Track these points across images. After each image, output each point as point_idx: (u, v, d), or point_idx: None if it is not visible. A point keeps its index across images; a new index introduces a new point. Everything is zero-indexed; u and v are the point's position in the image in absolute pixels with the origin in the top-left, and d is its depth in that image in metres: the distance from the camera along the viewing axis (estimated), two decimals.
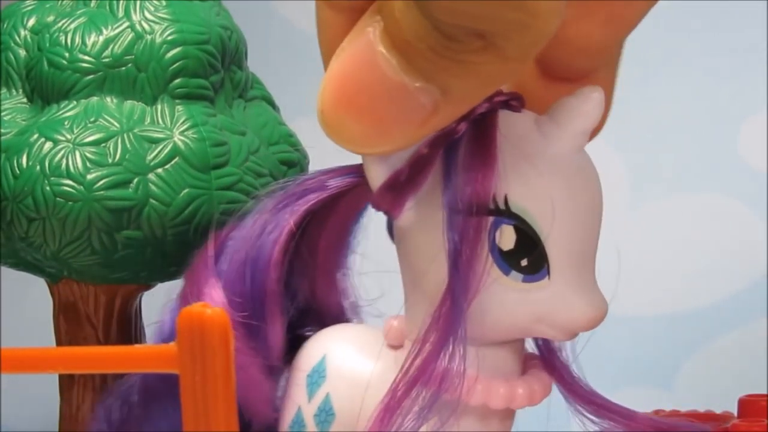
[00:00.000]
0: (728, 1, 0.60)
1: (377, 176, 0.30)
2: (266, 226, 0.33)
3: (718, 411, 0.41)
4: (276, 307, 0.33)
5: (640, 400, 0.36)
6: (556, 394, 0.32)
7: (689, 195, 0.62)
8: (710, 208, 0.61)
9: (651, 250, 0.60)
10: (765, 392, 0.39)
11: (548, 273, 0.28)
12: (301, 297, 0.35)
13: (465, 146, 0.28)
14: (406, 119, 0.27)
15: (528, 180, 0.28)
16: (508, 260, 0.29)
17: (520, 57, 0.26)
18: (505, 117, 0.29)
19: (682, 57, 0.61)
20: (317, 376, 0.32)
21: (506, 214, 0.28)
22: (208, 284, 0.33)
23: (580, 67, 0.30)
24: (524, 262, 0.28)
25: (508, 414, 0.31)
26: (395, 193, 0.29)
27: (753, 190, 0.61)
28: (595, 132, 0.31)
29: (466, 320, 0.28)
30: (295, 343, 0.34)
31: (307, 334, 0.34)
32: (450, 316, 0.28)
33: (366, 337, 0.32)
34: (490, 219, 0.28)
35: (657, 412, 0.41)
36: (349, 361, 0.32)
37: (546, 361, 0.31)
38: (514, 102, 0.30)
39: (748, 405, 0.39)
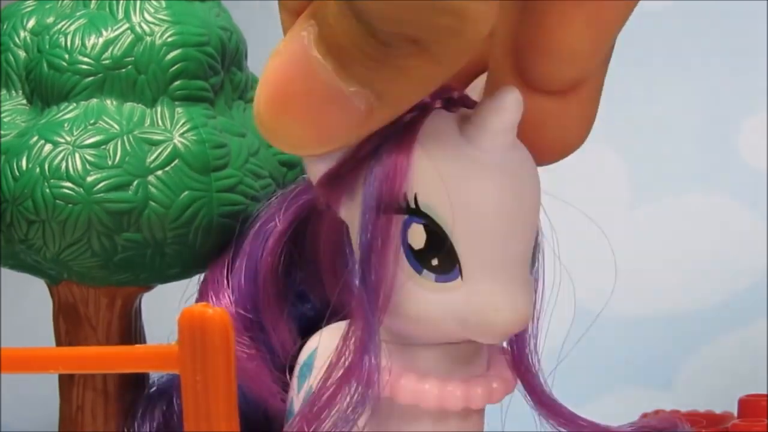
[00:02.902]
0: (728, 1, 0.60)
1: (314, 172, 0.30)
2: (265, 224, 0.33)
3: (718, 411, 0.41)
4: (274, 305, 0.33)
5: (640, 400, 0.36)
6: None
7: (689, 195, 0.62)
8: (710, 208, 0.61)
9: (651, 250, 0.60)
10: (765, 392, 0.39)
11: (460, 273, 0.28)
12: (314, 297, 0.35)
13: (386, 143, 0.28)
14: (342, 123, 0.27)
15: (439, 180, 0.28)
16: (419, 259, 0.29)
17: (453, 61, 0.26)
18: (433, 115, 0.29)
19: (682, 57, 0.61)
20: (306, 369, 0.32)
21: (415, 212, 0.28)
22: (215, 280, 0.34)
23: (567, 78, 0.30)
24: (434, 262, 0.28)
25: (463, 414, 0.31)
26: (331, 188, 0.30)
27: (753, 190, 0.61)
28: (569, 148, 0.31)
29: (377, 317, 0.29)
30: None
31: None
32: (364, 314, 0.29)
33: None
34: (403, 217, 0.28)
35: (657, 412, 0.41)
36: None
37: (514, 362, 0.31)
38: (453, 101, 0.29)
39: (748, 405, 0.39)
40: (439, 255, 0.28)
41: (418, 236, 0.28)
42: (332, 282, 0.35)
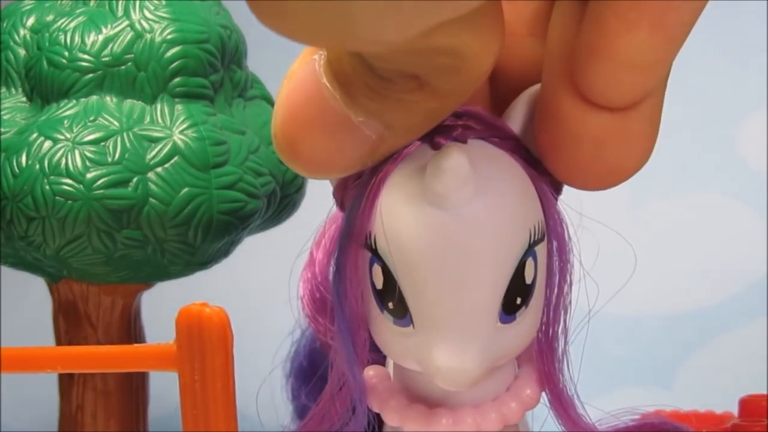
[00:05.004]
0: (728, 1, 0.60)
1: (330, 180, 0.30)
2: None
3: (718, 411, 0.41)
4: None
5: (640, 400, 0.36)
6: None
7: (689, 195, 0.62)
8: (710, 208, 0.61)
9: (651, 250, 0.60)
10: (765, 392, 0.39)
11: (411, 322, 0.28)
12: None
13: (375, 169, 0.28)
14: (353, 150, 0.27)
15: (394, 225, 0.27)
16: (380, 299, 0.28)
17: (457, 95, 0.26)
18: (416, 151, 0.28)
19: (681, 57, 0.61)
20: None
21: (375, 253, 0.28)
22: (324, 235, 0.33)
23: (628, 91, 0.27)
24: (391, 305, 0.28)
25: None
26: (341, 196, 0.29)
27: (753, 190, 0.61)
28: (628, 171, 0.29)
29: (350, 338, 0.28)
30: None
31: None
32: (336, 338, 0.29)
33: None
34: (369, 254, 0.28)
35: (657, 412, 0.41)
36: None
37: (539, 381, 0.31)
38: (440, 138, 0.28)
39: (748, 405, 0.39)
40: (393, 300, 0.28)
41: (378, 277, 0.28)
42: None
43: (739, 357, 0.58)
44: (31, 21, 0.40)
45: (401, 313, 0.28)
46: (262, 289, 0.56)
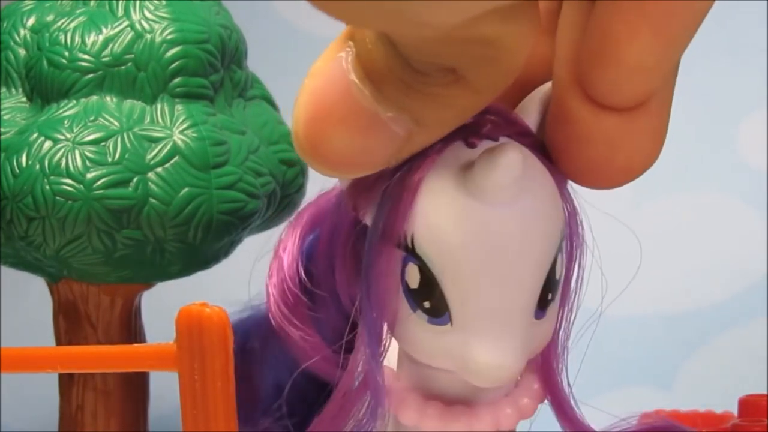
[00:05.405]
0: (728, 1, 0.60)
1: (343, 179, 0.30)
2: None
3: (718, 411, 0.41)
4: (350, 264, 0.33)
5: (640, 400, 0.36)
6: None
7: (689, 195, 0.62)
8: (710, 208, 0.61)
9: (651, 250, 0.60)
10: (765, 392, 0.39)
11: (450, 320, 0.28)
12: None
13: (406, 166, 0.28)
14: (381, 148, 0.27)
15: (437, 225, 0.27)
16: (413, 299, 0.28)
17: (492, 89, 0.26)
18: (451, 149, 0.28)
19: (682, 56, 0.61)
20: None
21: (412, 253, 0.28)
22: (289, 239, 0.33)
23: (634, 92, 0.28)
24: (427, 304, 0.28)
25: None
26: (358, 195, 0.29)
27: (753, 190, 0.61)
28: (639, 168, 0.29)
29: (378, 340, 0.29)
30: None
31: None
32: (367, 334, 0.29)
33: None
34: (402, 253, 0.28)
35: (657, 412, 0.41)
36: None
37: (541, 376, 0.31)
38: (473, 138, 0.28)
39: (748, 405, 0.39)
40: (430, 299, 0.28)
41: (413, 276, 0.28)
42: None
43: (739, 357, 0.58)
44: (31, 21, 0.40)
45: (439, 311, 0.28)
46: (262, 289, 0.56)
